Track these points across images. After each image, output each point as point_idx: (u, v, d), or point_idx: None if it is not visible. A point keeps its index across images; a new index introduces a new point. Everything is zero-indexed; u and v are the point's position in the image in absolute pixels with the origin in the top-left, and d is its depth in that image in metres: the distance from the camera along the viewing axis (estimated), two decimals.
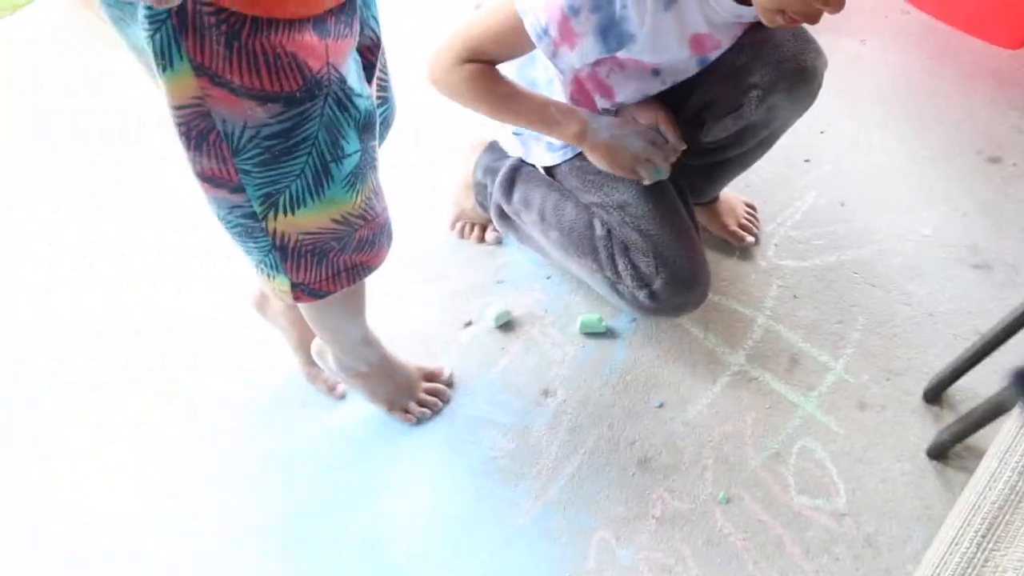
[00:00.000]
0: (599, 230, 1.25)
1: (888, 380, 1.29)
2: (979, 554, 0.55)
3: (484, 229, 1.55)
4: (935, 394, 1.25)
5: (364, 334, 1.16)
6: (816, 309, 1.39)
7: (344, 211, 0.85)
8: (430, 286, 1.48)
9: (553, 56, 1.01)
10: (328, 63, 0.72)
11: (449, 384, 1.32)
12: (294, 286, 0.90)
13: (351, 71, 0.76)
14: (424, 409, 1.28)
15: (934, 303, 1.38)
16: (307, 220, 0.82)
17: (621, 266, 1.24)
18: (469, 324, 1.41)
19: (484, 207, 1.45)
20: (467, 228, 1.55)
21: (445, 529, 1.16)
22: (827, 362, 1.32)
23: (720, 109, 1.20)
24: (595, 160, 1.17)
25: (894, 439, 1.22)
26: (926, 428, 1.22)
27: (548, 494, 1.19)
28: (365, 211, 0.87)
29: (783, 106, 1.19)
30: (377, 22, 0.88)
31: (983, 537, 0.55)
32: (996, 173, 1.58)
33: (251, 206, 0.78)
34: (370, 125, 0.83)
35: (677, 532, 1.14)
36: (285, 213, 0.80)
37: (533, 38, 0.99)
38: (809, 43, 1.15)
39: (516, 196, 1.34)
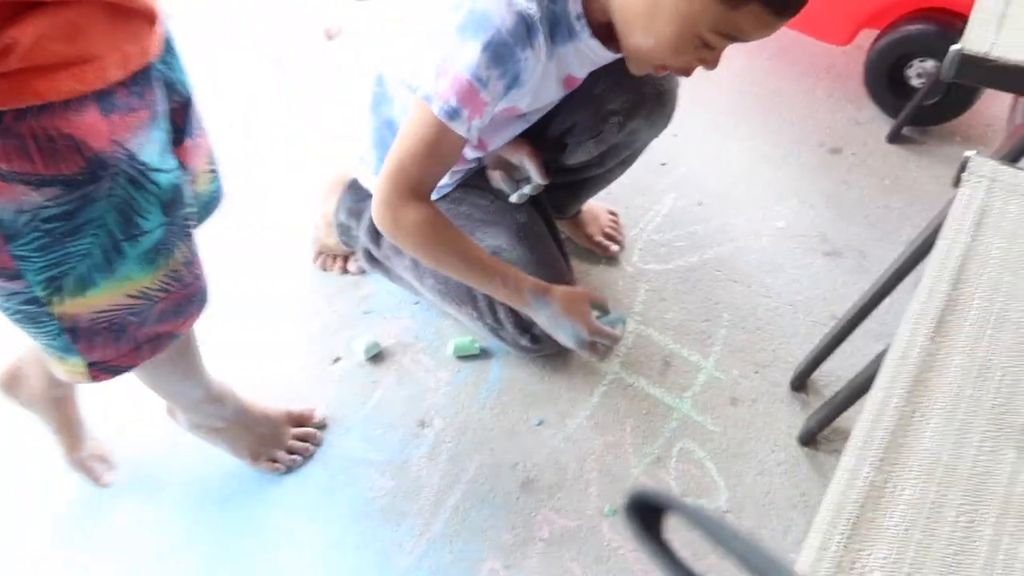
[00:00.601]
0: None
1: (756, 373, 1.32)
2: (846, 556, 0.55)
3: (347, 259, 1.49)
4: (800, 382, 1.29)
5: (207, 391, 1.08)
6: (683, 310, 1.41)
7: (141, 287, 0.77)
8: (294, 324, 1.41)
9: (468, 131, 0.93)
10: (113, 141, 0.64)
11: (321, 426, 1.26)
12: (91, 365, 0.81)
13: (148, 145, 0.69)
14: (294, 456, 1.21)
15: (792, 293, 1.42)
16: (98, 300, 0.74)
17: (502, 314, 1.23)
18: (338, 360, 1.35)
19: (348, 245, 1.40)
20: (329, 260, 1.49)
21: None
22: (698, 361, 1.34)
23: (582, 134, 1.21)
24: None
25: (767, 431, 1.24)
26: (795, 416, 1.26)
27: (432, 529, 1.14)
28: (167, 284, 0.79)
29: (642, 129, 1.22)
30: (185, 83, 0.80)
31: (848, 539, 0.54)
32: (838, 164, 1.66)
33: (32, 291, 0.70)
34: (176, 200, 0.75)
35: (566, 552, 1.12)
36: (73, 295, 0.72)
37: (445, 120, 0.90)
38: None
39: (385, 241, 1.29)
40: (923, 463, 0.60)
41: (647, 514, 0.29)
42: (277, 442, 1.20)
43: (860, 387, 1.07)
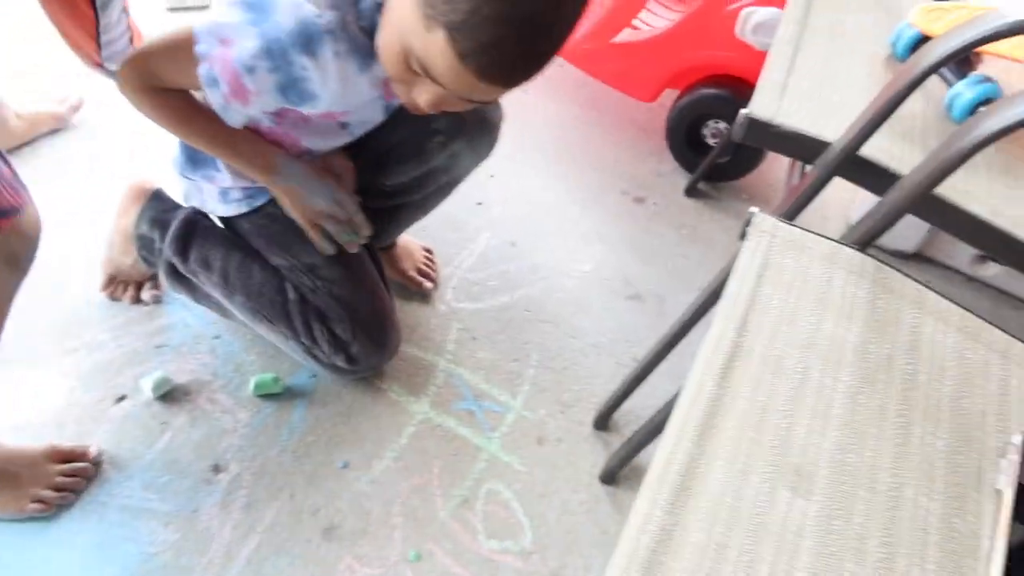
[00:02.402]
0: (291, 295, 1.17)
1: (562, 412, 1.34)
2: None
3: (140, 287, 1.37)
4: (603, 421, 1.33)
5: None
6: (494, 349, 1.42)
7: None
8: (73, 358, 1.27)
9: (223, 110, 0.95)
10: None
11: (96, 463, 1.13)
12: None
13: None
14: (63, 493, 1.09)
15: (597, 334, 1.47)
16: None
17: (317, 332, 1.18)
18: (122, 399, 1.23)
19: (149, 262, 1.28)
20: (120, 288, 1.36)
21: None
22: (507, 401, 1.34)
23: (404, 152, 1.19)
24: (282, 203, 1.11)
25: (571, 470, 1.27)
26: (597, 455, 1.29)
27: None
28: None
29: (464, 154, 1.22)
30: None
31: None
32: (640, 212, 1.76)
33: None
34: None
35: None
36: None
37: (203, 84, 0.92)
38: None
39: (193, 255, 1.20)
40: (709, 505, 0.62)
41: None
42: (39, 481, 1.08)
43: (656, 427, 1.12)
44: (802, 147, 1.06)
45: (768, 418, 0.70)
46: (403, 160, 1.20)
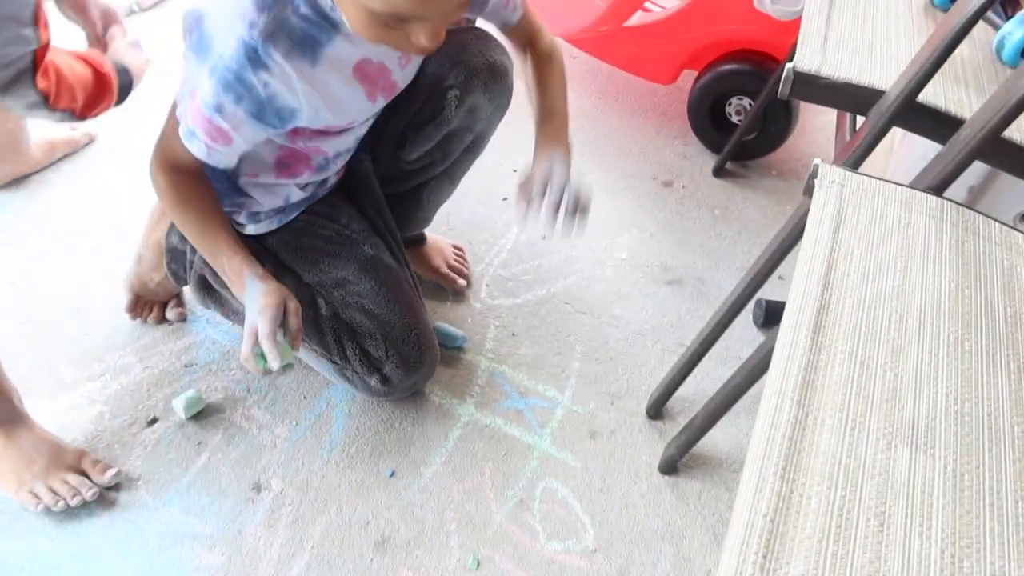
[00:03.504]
0: (324, 310, 1.11)
1: (612, 404, 1.28)
2: None
3: (165, 307, 1.32)
4: (656, 410, 1.27)
5: None
6: (535, 344, 1.36)
7: None
8: (100, 382, 1.22)
9: (208, 156, 0.94)
10: None
11: (105, 487, 1.09)
12: None
13: None
14: (57, 497, 1.04)
15: (640, 322, 1.41)
16: None
17: (349, 350, 1.12)
18: (154, 421, 1.18)
19: (178, 277, 1.22)
20: (145, 309, 1.31)
21: None
22: (554, 396, 1.28)
23: (421, 120, 1.14)
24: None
25: (628, 462, 1.20)
26: (654, 445, 1.23)
27: None
28: None
29: (482, 106, 1.15)
30: None
31: (764, 558, 0.49)
32: (670, 196, 1.70)
33: None
34: None
35: None
36: None
37: (184, 140, 0.93)
38: (491, 40, 1.14)
39: None
40: (824, 467, 0.56)
41: None
42: (47, 475, 1.05)
43: (716, 411, 1.06)
44: (853, 97, 1.00)
45: (872, 372, 0.63)
46: (421, 127, 1.14)
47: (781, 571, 0.50)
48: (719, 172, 1.76)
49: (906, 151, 1.42)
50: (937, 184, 0.84)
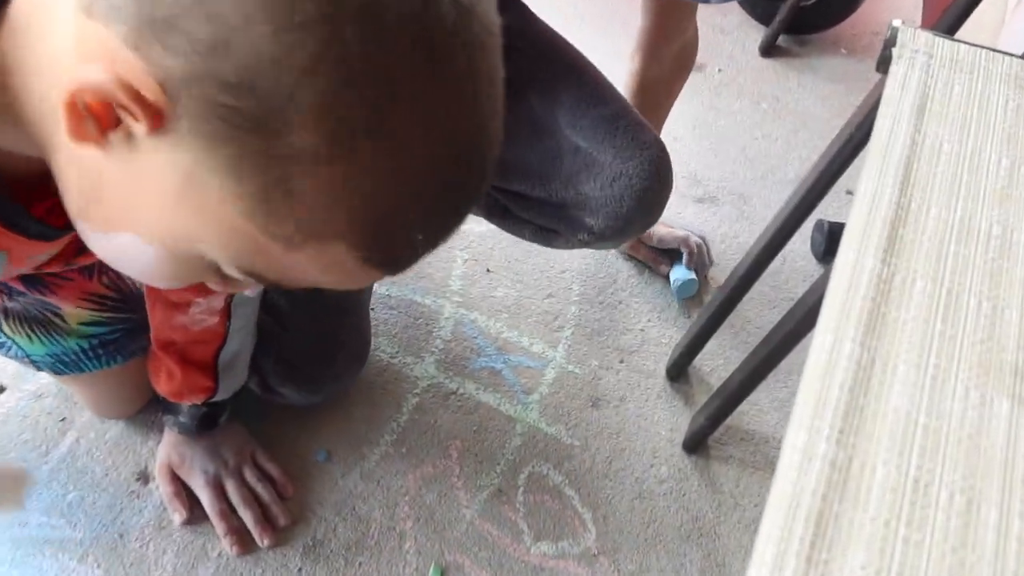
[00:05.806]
0: None
1: (622, 362, 1.30)
2: (812, 570, 0.50)
3: None
4: (678, 370, 1.29)
5: None
6: (518, 283, 1.37)
7: None
8: None
9: None
10: None
11: None
12: None
13: None
14: None
15: None
16: None
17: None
18: (1, 390, 1.18)
19: None
20: None
21: None
22: (543, 352, 1.30)
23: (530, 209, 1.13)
24: None
25: (642, 438, 1.22)
26: (677, 415, 1.25)
27: None
28: None
29: (598, 246, 1.16)
30: None
31: (811, 547, 0.49)
32: (702, 84, 1.69)
33: None
34: None
35: None
36: None
37: None
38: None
39: None
40: (894, 428, 0.57)
41: None
42: None
43: (759, 369, 1.07)
44: None
45: (963, 303, 0.64)
46: (525, 217, 1.15)
47: (835, 562, 0.50)
48: (768, 51, 1.76)
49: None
50: None
